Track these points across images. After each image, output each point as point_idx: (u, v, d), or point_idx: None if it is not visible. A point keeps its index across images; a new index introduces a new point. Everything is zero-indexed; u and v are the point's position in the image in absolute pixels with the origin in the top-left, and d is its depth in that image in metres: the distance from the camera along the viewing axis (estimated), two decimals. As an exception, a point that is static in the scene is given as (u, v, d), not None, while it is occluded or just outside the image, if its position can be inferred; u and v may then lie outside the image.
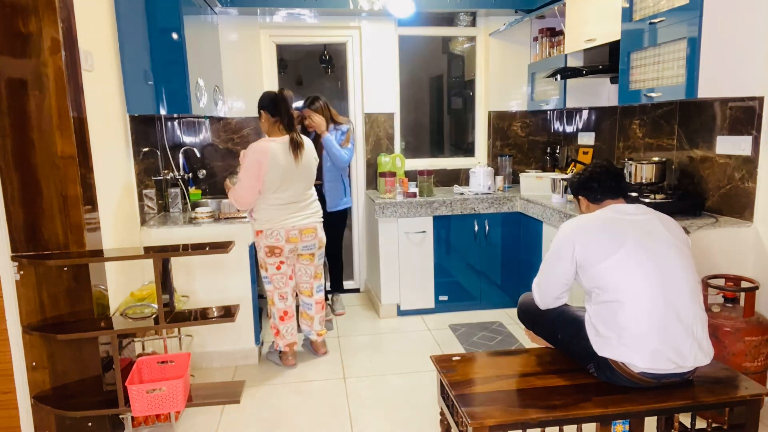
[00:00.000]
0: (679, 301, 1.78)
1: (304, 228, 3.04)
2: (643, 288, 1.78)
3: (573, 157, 4.12)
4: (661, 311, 1.76)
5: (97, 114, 2.46)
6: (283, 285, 3.11)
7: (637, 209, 1.94)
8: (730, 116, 2.66)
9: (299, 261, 3.15)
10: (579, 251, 1.87)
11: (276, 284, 3.10)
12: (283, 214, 2.97)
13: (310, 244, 3.09)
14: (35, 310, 2.17)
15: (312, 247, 3.11)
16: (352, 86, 4.38)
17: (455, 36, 4.69)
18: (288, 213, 2.98)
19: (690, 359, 1.78)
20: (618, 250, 1.81)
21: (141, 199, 3.05)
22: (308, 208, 3.07)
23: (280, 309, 3.15)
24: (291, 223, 2.99)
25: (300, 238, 3.03)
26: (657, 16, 2.60)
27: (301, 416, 2.66)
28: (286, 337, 3.17)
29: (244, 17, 4.06)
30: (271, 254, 3.02)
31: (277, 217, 2.97)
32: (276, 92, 3.03)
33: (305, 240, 3.06)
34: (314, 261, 3.17)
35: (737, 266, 2.58)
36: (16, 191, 2.10)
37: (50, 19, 2.02)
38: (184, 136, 4.07)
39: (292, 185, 2.98)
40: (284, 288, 3.12)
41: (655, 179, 2.92)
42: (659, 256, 1.81)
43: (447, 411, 1.99)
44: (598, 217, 1.94)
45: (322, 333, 3.33)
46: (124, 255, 2.25)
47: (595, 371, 1.91)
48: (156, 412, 2.20)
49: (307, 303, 3.26)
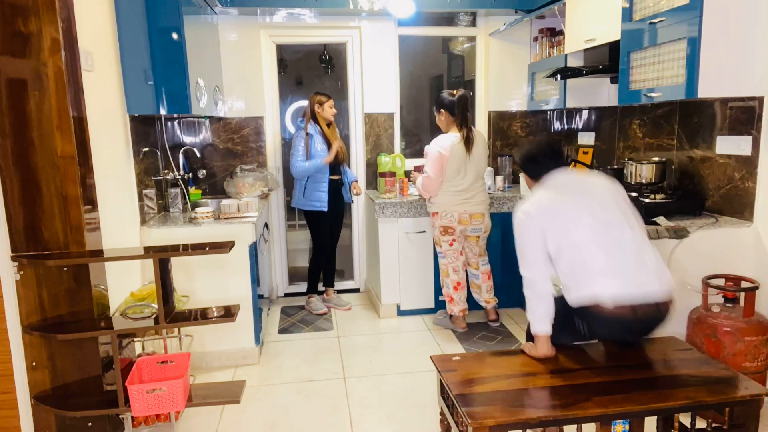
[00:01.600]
0: (626, 239, 2.04)
1: (474, 213, 3.49)
2: (593, 237, 2.03)
3: (573, 157, 4.12)
4: (612, 250, 2.02)
5: (97, 114, 2.46)
6: (455, 259, 3.59)
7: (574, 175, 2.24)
8: (730, 116, 2.66)
9: (467, 241, 3.63)
10: (546, 232, 2.07)
11: (449, 258, 3.59)
12: (457, 200, 3.46)
13: (478, 228, 3.55)
14: (35, 310, 2.17)
15: (479, 230, 3.57)
16: (352, 86, 4.38)
17: (455, 36, 4.69)
18: (461, 199, 3.46)
19: (648, 284, 1.99)
20: (573, 217, 2.06)
21: (141, 199, 3.05)
22: (478, 196, 3.50)
23: (454, 280, 3.62)
24: (463, 208, 3.46)
25: (470, 221, 3.49)
26: (657, 16, 2.60)
27: (301, 416, 2.66)
28: (459, 304, 3.64)
29: (244, 17, 4.06)
30: (445, 233, 3.53)
31: (451, 202, 3.46)
32: (456, 95, 3.43)
33: (474, 223, 3.51)
34: (479, 242, 3.63)
35: (737, 266, 2.58)
36: (16, 191, 2.10)
37: (50, 19, 2.01)
38: (184, 136, 4.07)
39: (466, 175, 3.44)
40: (456, 262, 3.60)
41: (655, 179, 2.92)
42: (604, 209, 2.08)
43: (447, 411, 1.99)
44: (549, 197, 2.14)
45: (490, 301, 3.73)
46: (124, 255, 2.24)
47: (582, 326, 2.06)
48: (156, 412, 2.20)
49: (475, 274, 3.71)
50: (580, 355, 2.16)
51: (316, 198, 3.87)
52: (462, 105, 3.42)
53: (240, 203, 3.27)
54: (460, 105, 3.41)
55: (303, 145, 3.79)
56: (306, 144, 3.79)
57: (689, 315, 2.54)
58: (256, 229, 3.23)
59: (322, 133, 3.84)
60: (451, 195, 3.46)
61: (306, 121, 3.86)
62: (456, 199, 3.45)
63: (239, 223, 3.09)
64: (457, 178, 3.43)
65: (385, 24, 4.22)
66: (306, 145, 3.79)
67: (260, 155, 4.26)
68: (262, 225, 3.62)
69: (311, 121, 3.84)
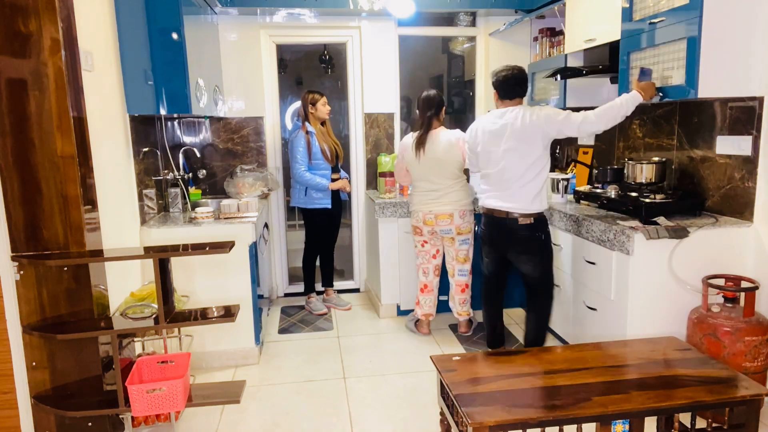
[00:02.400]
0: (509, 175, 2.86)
1: (440, 213, 3.37)
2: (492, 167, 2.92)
3: (573, 157, 4.12)
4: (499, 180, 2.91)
5: (97, 114, 2.46)
6: (425, 261, 3.55)
7: (507, 113, 2.86)
8: (730, 116, 2.66)
9: (445, 243, 3.51)
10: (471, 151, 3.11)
11: (420, 259, 3.57)
12: (424, 200, 3.41)
13: (446, 229, 3.39)
14: (35, 310, 2.17)
15: (448, 232, 3.41)
16: (352, 86, 4.38)
17: (455, 36, 4.69)
18: (428, 199, 3.39)
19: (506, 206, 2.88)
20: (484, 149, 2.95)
21: (141, 199, 3.05)
22: (446, 197, 3.37)
23: (421, 282, 3.59)
24: (428, 207, 3.39)
25: (435, 222, 3.37)
26: (657, 16, 2.60)
27: (301, 416, 2.66)
28: (423, 308, 3.59)
29: (244, 17, 4.05)
30: (415, 233, 3.52)
31: (418, 201, 3.44)
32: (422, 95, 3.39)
33: (440, 224, 3.37)
34: (455, 245, 3.45)
35: (737, 266, 2.58)
36: (16, 191, 2.10)
37: (50, 19, 2.01)
38: (184, 136, 4.07)
39: (424, 176, 3.38)
40: (426, 264, 3.55)
41: (655, 179, 2.92)
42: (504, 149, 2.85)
43: (447, 411, 1.99)
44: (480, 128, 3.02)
45: (462, 314, 3.58)
46: (124, 255, 2.24)
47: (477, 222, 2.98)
48: (156, 412, 2.20)
49: (451, 282, 3.58)
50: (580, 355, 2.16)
51: (319, 196, 3.88)
52: (423, 105, 3.35)
53: (240, 203, 3.27)
54: (421, 105, 3.36)
55: (303, 147, 3.78)
56: (308, 143, 3.79)
57: (689, 315, 2.54)
58: (256, 229, 3.23)
59: (317, 133, 3.84)
60: (419, 194, 3.42)
61: (303, 121, 3.85)
62: (423, 199, 3.40)
63: (239, 223, 3.09)
64: (420, 179, 3.39)
65: (385, 24, 4.22)
66: (308, 145, 3.79)
67: (260, 155, 4.26)
68: (262, 225, 3.62)
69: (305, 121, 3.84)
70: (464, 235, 3.42)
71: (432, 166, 3.33)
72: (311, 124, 3.84)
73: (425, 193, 3.39)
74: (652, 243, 2.52)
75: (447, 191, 3.36)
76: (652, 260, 2.57)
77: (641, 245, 2.53)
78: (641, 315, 2.61)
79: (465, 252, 3.47)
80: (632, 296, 2.59)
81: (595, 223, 2.82)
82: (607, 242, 2.72)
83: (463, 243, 3.45)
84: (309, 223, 4.03)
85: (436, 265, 3.56)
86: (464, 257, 3.48)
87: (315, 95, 3.84)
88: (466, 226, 3.40)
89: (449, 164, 3.33)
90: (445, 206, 3.35)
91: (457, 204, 3.36)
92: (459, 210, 3.36)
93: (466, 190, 3.42)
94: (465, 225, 3.39)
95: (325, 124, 3.94)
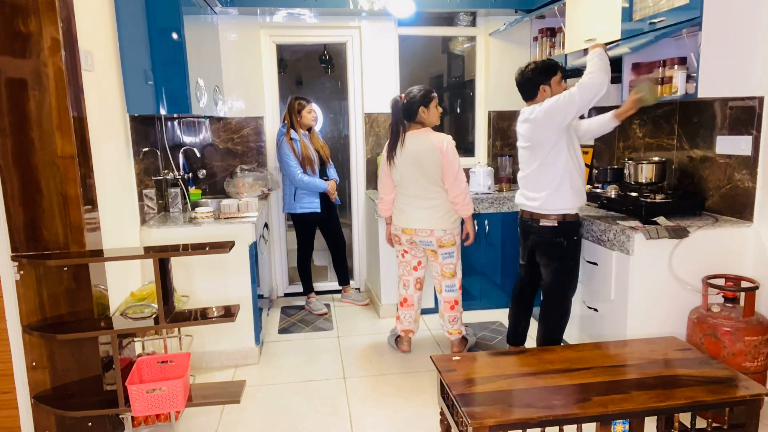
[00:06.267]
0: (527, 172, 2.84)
1: (406, 228, 3.13)
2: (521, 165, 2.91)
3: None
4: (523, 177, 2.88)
5: (97, 114, 2.46)
6: (405, 273, 3.30)
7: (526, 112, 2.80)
8: (730, 116, 2.66)
9: (428, 256, 3.23)
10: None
11: (400, 270, 3.32)
12: (396, 208, 3.19)
13: (426, 240, 3.10)
14: (35, 310, 2.17)
15: (428, 244, 3.11)
16: (352, 86, 4.38)
17: (455, 36, 4.69)
18: (398, 209, 3.17)
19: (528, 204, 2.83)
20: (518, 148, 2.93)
21: (141, 199, 3.05)
22: (416, 213, 3.08)
23: (401, 295, 3.34)
24: (398, 217, 3.17)
25: (414, 232, 3.11)
26: (657, 16, 2.60)
27: (301, 416, 2.66)
28: (403, 323, 3.36)
29: (244, 17, 4.05)
30: (394, 241, 3.28)
31: (396, 209, 3.20)
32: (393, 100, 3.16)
33: (419, 235, 3.09)
34: (438, 259, 3.15)
35: (737, 266, 2.58)
36: (16, 191, 2.10)
37: (50, 19, 2.01)
38: (184, 136, 4.07)
39: (400, 181, 3.11)
40: (406, 276, 3.30)
41: (655, 179, 2.92)
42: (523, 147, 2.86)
43: (447, 411, 1.99)
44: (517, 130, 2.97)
45: (452, 333, 3.28)
46: (124, 255, 2.25)
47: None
48: (156, 412, 2.20)
49: (439, 298, 3.32)
50: (579, 354, 2.16)
51: (308, 201, 3.90)
52: (394, 111, 3.10)
53: (240, 203, 3.27)
54: (392, 111, 3.12)
55: (291, 151, 3.80)
56: (293, 149, 3.81)
57: (689, 315, 2.54)
58: (256, 229, 3.23)
59: (300, 140, 3.86)
60: (398, 200, 3.16)
61: (287, 126, 3.86)
62: (401, 206, 3.14)
63: (239, 223, 3.10)
64: (399, 184, 3.12)
65: (385, 24, 4.22)
66: (293, 151, 3.81)
67: (260, 155, 4.26)
68: (262, 225, 3.62)
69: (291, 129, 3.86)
70: (447, 248, 3.11)
71: (409, 171, 3.04)
72: (296, 131, 3.86)
73: (404, 198, 3.11)
74: (652, 243, 2.52)
75: (428, 200, 3.05)
76: (652, 260, 2.57)
77: (641, 245, 2.53)
78: (641, 315, 2.61)
79: (451, 267, 3.16)
80: (632, 296, 2.59)
81: (595, 223, 2.83)
82: (607, 242, 2.72)
83: (447, 257, 3.13)
84: (300, 228, 4.05)
85: (417, 278, 3.28)
86: (451, 272, 3.17)
87: (301, 102, 3.85)
88: (448, 238, 3.08)
89: (427, 168, 3.00)
90: (423, 222, 3.06)
91: (438, 222, 3.05)
92: (439, 224, 3.06)
93: (449, 206, 3.07)
94: (447, 238, 3.08)
95: (311, 130, 3.96)
